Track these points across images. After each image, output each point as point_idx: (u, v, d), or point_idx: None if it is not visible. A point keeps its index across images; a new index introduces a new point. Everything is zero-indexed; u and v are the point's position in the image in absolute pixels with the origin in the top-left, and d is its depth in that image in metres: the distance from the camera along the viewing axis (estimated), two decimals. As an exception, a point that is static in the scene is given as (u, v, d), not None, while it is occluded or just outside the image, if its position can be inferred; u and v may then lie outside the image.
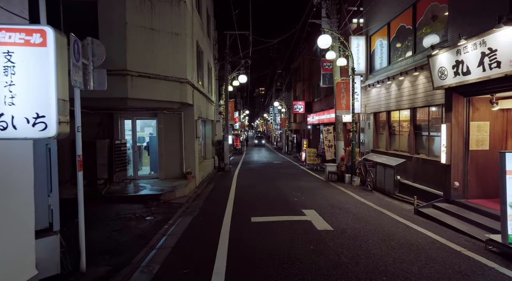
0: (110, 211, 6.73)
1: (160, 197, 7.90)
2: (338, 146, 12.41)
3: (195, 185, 10.20)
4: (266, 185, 10.75)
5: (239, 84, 17.94)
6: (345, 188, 10.11)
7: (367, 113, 11.72)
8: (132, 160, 10.09)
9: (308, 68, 24.09)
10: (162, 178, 9.92)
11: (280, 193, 9.21)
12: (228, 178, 12.84)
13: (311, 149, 17.78)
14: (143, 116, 10.12)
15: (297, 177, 13.01)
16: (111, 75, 7.67)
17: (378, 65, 11.24)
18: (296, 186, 10.48)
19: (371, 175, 9.81)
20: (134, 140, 10.03)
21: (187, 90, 9.28)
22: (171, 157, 10.01)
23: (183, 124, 10.03)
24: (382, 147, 10.92)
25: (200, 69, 12.45)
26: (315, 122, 20.83)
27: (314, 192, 9.48)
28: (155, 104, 8.90)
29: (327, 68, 15.74)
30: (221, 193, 9.49)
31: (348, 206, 7.43)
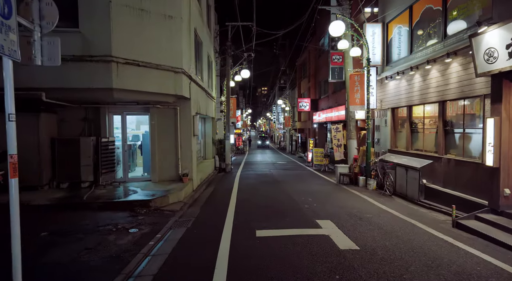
0: (88, 220, 5.66)
1: (150, 204, 6.82)
2: (350, 145, 11.29)
3: (192, 189, 9.13)
4: (271, 189, 9.65)
5: (241, 79, 16.84)
6: (360, 193, 8.99)
7: (383, 109, 10.59)
8: (122, 160, 9.03)
9: (314, 64, 22.96)
10: (155, 180, 8.84)
11: (288, 199, 8.11)
12: (230, 180, 11.76)
13: (318, 149, 16.67)
14: (134, 111, 9.05)
15: (304, 179, 11.91)
16: (93, 61, 6.62)
17: (395, 55, 10.11)
18: (305, 190, 9.38)
19: (390, 178, 8.68)
20: (124, 138, 8.96)
21: (183, 81, 8.20)
22: (165, 157, 8.94)
23: (179, 120, 8.95)
24: (401, 146, 9.78)
25: (199, 61, 11.38)
26: (322, 120, 19.70)
27: (326, 197, 8.37)
28: (147, 97, 7.82)
29: (337, 61, 14.60)
30: (221, 197, 8.40)
31: (370, 216, 6.32)
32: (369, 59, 9.78)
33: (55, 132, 8.26)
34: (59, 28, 6.72)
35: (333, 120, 17.08)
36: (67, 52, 6.47)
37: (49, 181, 7.85)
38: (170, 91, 7.91)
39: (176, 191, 7.66)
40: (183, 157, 9.08)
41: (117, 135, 9.01)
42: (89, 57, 6.51)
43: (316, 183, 10.94)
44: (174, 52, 7.96)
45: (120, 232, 5.12)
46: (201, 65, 11.70)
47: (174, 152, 8.99)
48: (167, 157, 8.96)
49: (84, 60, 6.50)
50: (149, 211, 6.64)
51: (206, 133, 14.73)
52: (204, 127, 14.62)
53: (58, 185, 7.91)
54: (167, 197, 7.26)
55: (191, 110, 9.17)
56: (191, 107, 9.16)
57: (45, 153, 7.69)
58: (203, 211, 6.85)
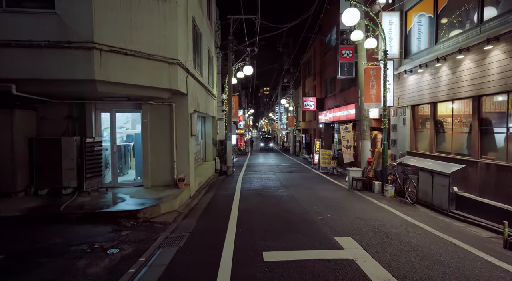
0: (60, 238, 4.70)
1: (138, 215, 5.86)
2: (363, 147, 10.29)
3: (189, 195, 8.16)
4: (277, 195, 8.67)
5: (244, 76, 15.89)
6: (378, 200, 7.99)
7: (400, 106, 9.58)
8: (110, 163, 8.08)
9: (319, 62, 21.96)
10: (148, 186, 7.88)
11: (297, 207, 7.12)
12: (231, 184, 10.78)
13: (326, 150, 15.66)
14: (125, 108, 8.09)
15: (312, 184, 10.91)
16: (71, 48, 5.65)
17: (415, 47, 9.11)
18: (315, 197, 8.39)
19: (413, 184, 7.67)
20: (113, 138, 8.01)
21: (178, 74, 7.25)
22: (159, 160, 7.98)
23: (174, 119, 7.99)
24: (422, 148, 8.78)
25: (198, 55, 10.43)
26: (328, 120, 18.69)
27: (340, 205, 7.38)
28: (137, 91, 6.87)
29: (346, 56, 13.62)
30: (221, 206, 7.43)
31: (397, 231, 5.32)
32: (386, 51, 8.79)
33: (34, 132, 7.32)
34: (31, 9, 5.91)
35: (341, 119, 16.08)
36: (41, 37, 5.56)
37: (26, 187, 6.91)
38: (164, 85, 6.96)
39: (169, 199, 6.69)
40: (179, 160, 8.12)
41: (105, 135, 8.07)
42: (67, 43, 5.56)
43: (326, 188, 9.95)
44: (168, 40, 7.01)
45: (95, 254, 4.15)
46: (201, 59, 10.75)
47: (169, 154, 8.03)
48: (161, 160, 8.00)
49: (61, 46, 5.54)
50: (136, 223, 5.67)
51: (206, 133, 13.77)
52: (204, 126, 13.66)
53: (36, 191, 6.96)
54: (159, 207, 6.29)
55: (188, 107, 8.21)
56: (188, 104, 8.20)
57: (21, 155, 6.76)
58: (200, 224, 5.88)
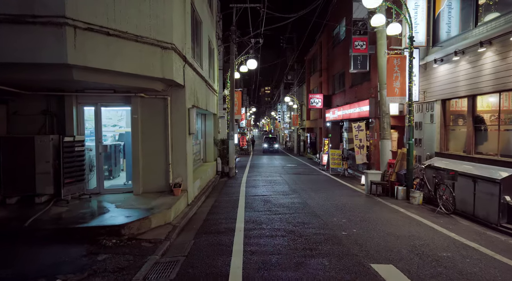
0: (10, 268, 3.59)
1: (122, 230, 4.75)
2: (383, 147, 9.15)
3: (187, 203, 7.05)
4: (288, 202, 7.55)
5: (247, 70, 14.76)
6: (405, 209, 6.88)
7: (427, 101, 8.45)
8: (95, 166, 6.97)
9: (326, 57, 20.81)
10: (138, 192, 6.78)
11: (314, 219, 6.01)
12: (234, 188, 9.68)
13: (335, 151, 14.53)
14: (111, 102, 6.97)
15: (325, 188, 9.79)
16: (37, 24, 4.50)
17: (444, 34, 7.98)
18: (331, 204, 7.27)
19: (449, 190, 6.54)
20: (98, 137, 6.89)
21: (173, 61, 6.13)
22: (151, 162, 6.88)
23: (170, 114, 6.89)
24: (455, 149, 7.65)
25: (197, 44, 9.31)
26: (337, 118, 17.54)
27: (364, 216, 6.26)
28: (125, 81, 5.75)
29: (360, 48, 12.49)
30: (224, 216, 6.32)
31: (448, 254, 4.20)
32: (412, 37, 7.65)
33: (4, 129, 6.22)
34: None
35: (351, 117, 14.94)
36: (-2, 10, 4.47)
37: (-8, 194, 5.82)
38: (156, 73, 5.84)
39: (162, 210, 5.58)
40: (175, 162, 7.02)
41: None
42: (31, 18, 4.43)
43: (341, 194, 8.82)
44: (161, 21, 5.89)
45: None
46: (200, 50, 9.63)
47: (164, 155, 6.93)
48: (154, 162, 6.89)
49: (23, 22, 4.42)
50: (119, 242, 4.57)
51: (206, 131, 12.66)
52: (205, 124, 12.55)
53: (3, 200, 5.84)
54: (149, 220, 5.18)
55: (186, 101, 7.09)
56: (186, 98, 7.09)
57: (-15, 157, 5.67)
58: (199, 243, 4.76)
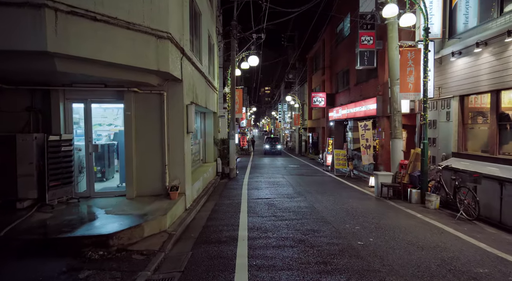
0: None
1: (110, 241, 4.19)
2: (394, 147, 8.59)
3: (184, 207, 6.49)
4: (294, 206, 6.99)
5: (249, 67, 14.19)
6: (422, 214, 6.32)
7: (442, 97, 7.90)
8: (85, 167, 6.41)
9: (329, 54, 20.24)
10: (131, 196, 6.22)
11: (324, 225, 5.45)
12: (236, 191, 9.12)
13: (340, 151, 13.98)
14: (102, 97, 6.41)
15: (331, 190, 9.23)
16: (11, 5, 3.94)
17: (461, 25, 7.44)
18: (341, 209, 6.72)
19: (472, 194, 5.98)
20: (88, 136, 6.33)
21: (170, 52, 5.57)
22: (146, 163, 6.32)
23: (166, 111, 6.33)
24: (475, 148, 7.10)
25: (197, 38, 8.76)
26: (341, 117, 16.98)
27: (379, 222, 5.70)
28: (115, 73, 5.19)
29: (366, 43, 11.93)
30: (225, 222, 5.76)
31: (485, 271, 3.65)
32: (428, 28, 7.10)
33: (-17, 127, 5.67)
34: None
35: (357, 116, 14.38)
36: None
37: (-33, 200, 5.26)
38: (150, 65, 5.28)
39: (157, 216, 5.02)
40: (172, 163, 6.46)
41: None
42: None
43: (349, 197, 8.27)
44: (156, 7, 5.33)
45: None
46: (200, 43, 9.07)
47: (160, 155, 6.37)
48: (149, 163, 6.34)
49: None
50: (107, 255, 4.01)
51: (206, 131, 12.10)
52: (204, 123, 11.99)
53: (-19, 205, 5.30)
54: (141, 228, 4.62)
55: (183, 97, 6.53)
56: (183, 94, 6.53)
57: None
58: (197, 254, 4.20)
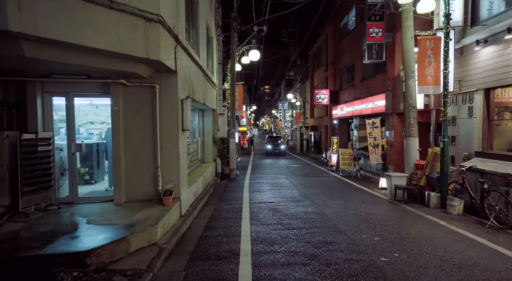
0: None
1: (87, 259, 3.49)
2: (408, 146, 7.89)
3: (180, 214, 5.80)
4: (301, 212, 6.30)
5: (249, 62, 13.49)
6: (447, 222, 5.64)
7: (464, 91, 7.21)
8: (68, 169, 5.71)
9: (333, 50, 19.53)
10: (120, 201, 5.52)
11: (338, 236, 4.75)
12: (236, 193, 8.43)
13: (346, 150, 13.29)
14: (87, 91, 5.69)
15: (339, 192, 8.54)
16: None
17: (485, 12, 6.74)
18: (353, 215, 6.03)
19: (504, 199, 5.29)
20: (70, 134, 5.63)
21: (161, 38, 4.86)
22: (136, 165, 5.63)
23: (158, 106, 5.63)
24: (501, 147, 6.41)
25: (194, 27, 8.05)
26: (345, 115, 16.29)
27: (399, 232, 5.01)
28: (97, 60, 4.48)
29: (375, 36, 11.25)
30: (225, 232, 5.06)
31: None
32: (449, 15, 6.40)
33: None
34: None
35: (363, 113, 13.70)
36: None
37: None
38: (138, 52, 4.58)
39: (146, 226, 4.33)
40: (166, 164, 5.76)
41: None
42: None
43: (360, 200, 7.58)
44: (145, -15, 4.63)
45: None
46: (197, 35, 8.36)
47: (151, 156, 5.67)
48: (140, 165, 5.64)
49: None
50: (82, 276, 3.33)
51: (205, 129, 11.40)
52: (203, 121, 11.29)
53: None
54: (127, 241, 3.92)
55: (178, 91, 5.83)
56: (178, 87, 5.82)
57: None
58: (192, 277, 3.50)
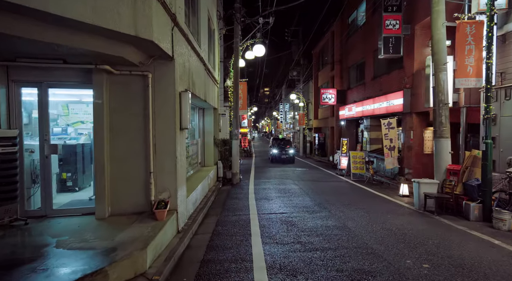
0: None
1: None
2: (439, 148, 6.91)
3: (176, 229, 4.79)
4: (320, 226, 5.29)
5: (253, 58, 12.54)
6: (501, 241, 4.67)
7: (506, 85, 6.24)
8: (40, 176, 4.69)
9: (339, 48, 18.58)
10: (103, 215, 4.51)
11: (374, 260, 3.75)
12: (241, 201, 7.44)
13: (358, 153, 12.31)
14: (63, 80, 4.69)
15: (356, 200, 7.57)
16: None
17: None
18: (385, 230, 5.04)
19: None
20: (43, 134, 4.63)
21: (154, 13, 3.88)
22: (124, 170, 4.64)
23: (151, 99, 4.65)
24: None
25: (194, 14, 7.09)
26: (354, 116, 15.33)
27: (452, 256, 4.02)
28: (71, 37, 3.49)
29: (391, 28, 10.31)
30: (232, 256, 4.05)
31: None
32: (493, -5, 5.46)
33: None
34: None
35: (375, 113, 12.74)
36: None
37: None
38: (124, 27, 3.59)
39: (132, 251, 3.32)
40: (160, 170, 4.77)
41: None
42: None
43: (384, 210, 6.60)
44: None
45: None
46: (198, 23, 7.40)
47: (143, 159, 4.68)
48: (128, 170, 4.65)
49: None
50: None
51: (205, 129, 10.41)
52: (203, 121, 10.30)
53: None
54: (104, 275, 2.92)
55: (175, 82, 4.85)
56: (175, 76, 4.84)
57: None
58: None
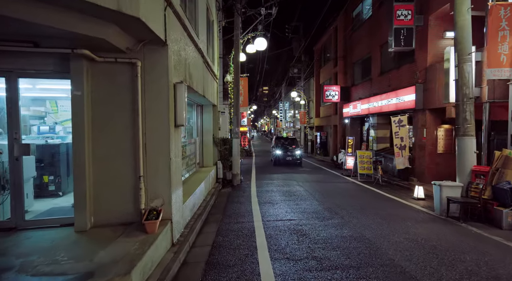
0: None
1: None
2: (462, 147, 6.26)
3: (171, 242, 4.12)
4: (335, 235, 4.63)
5: (254, 52, 11.87)
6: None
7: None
8: (10, 181, 4.00)
9: (343, 43, 17.89)
10: (84, 227, 3.83)
11: None
12: (243, 205, 6.77)
13: (365, 152, 11.65)
14: (37, 68, 3.99)
15: (368, 204, 6.92)
16: None
17: None
18: (410, 241, 4.39)
19: None
20: (12, 132, 3.93)
21: (141, -19, 3.20)
22: (109, 173, 3.96)
23: (140, 91, 3.97)
24: None
25: (191, 0, 6.41)
26: (359, 113, 14.67)
27: (499, 275, 3.36)
28: (41, 11, 2.81)
29: (403, 19, 9.65)
30: (236, 274, 3.38)
31: None
32: (531, -27, 4.79)
33: None
34: None
35: (383, 111, 12.09)
36: None
37: None
38: (103, 1, 2.90)
39: (113, 278, 2.64)
40: (151, 173, 4.09)
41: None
42: None
43: (402, 216, 5.94)
44: None
45: None
46: (195, 11, 6.71)
47: (131, 161, 4.00)
48: (114, 173, 3.97)
49: None
50: None
51: (204, 127, 9.73)
52: (201, 118, 9.62)
53: None
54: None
55: (169, 71, 4.16)
56: (169, 65, 4.16)
57: None
58: None
